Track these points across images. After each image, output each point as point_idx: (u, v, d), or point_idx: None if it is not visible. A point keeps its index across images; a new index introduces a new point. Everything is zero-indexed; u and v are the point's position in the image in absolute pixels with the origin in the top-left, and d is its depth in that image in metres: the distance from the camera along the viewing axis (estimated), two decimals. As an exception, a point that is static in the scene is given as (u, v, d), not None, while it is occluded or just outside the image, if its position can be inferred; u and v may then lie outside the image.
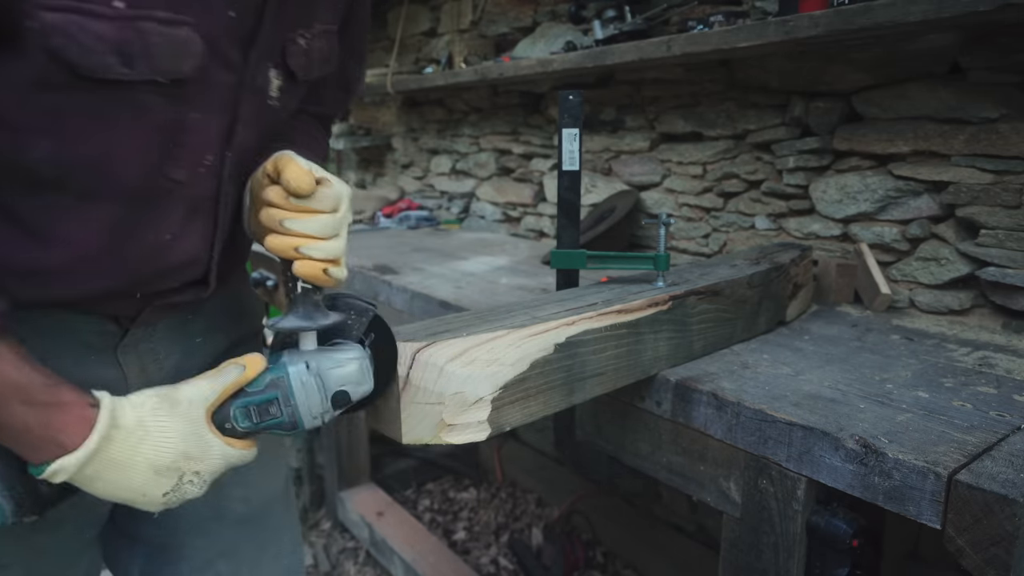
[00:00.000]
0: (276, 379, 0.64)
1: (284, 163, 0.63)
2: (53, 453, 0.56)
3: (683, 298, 1.04)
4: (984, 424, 0.85)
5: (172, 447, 0.60)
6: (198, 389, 0.62)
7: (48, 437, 0.56)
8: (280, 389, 0.64)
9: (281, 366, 0.65)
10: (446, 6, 2.71)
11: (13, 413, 0.56)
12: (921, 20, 1.15)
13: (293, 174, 0.62)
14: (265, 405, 0.64)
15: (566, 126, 1.14)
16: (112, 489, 0.59)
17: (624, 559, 2.20)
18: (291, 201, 0.63)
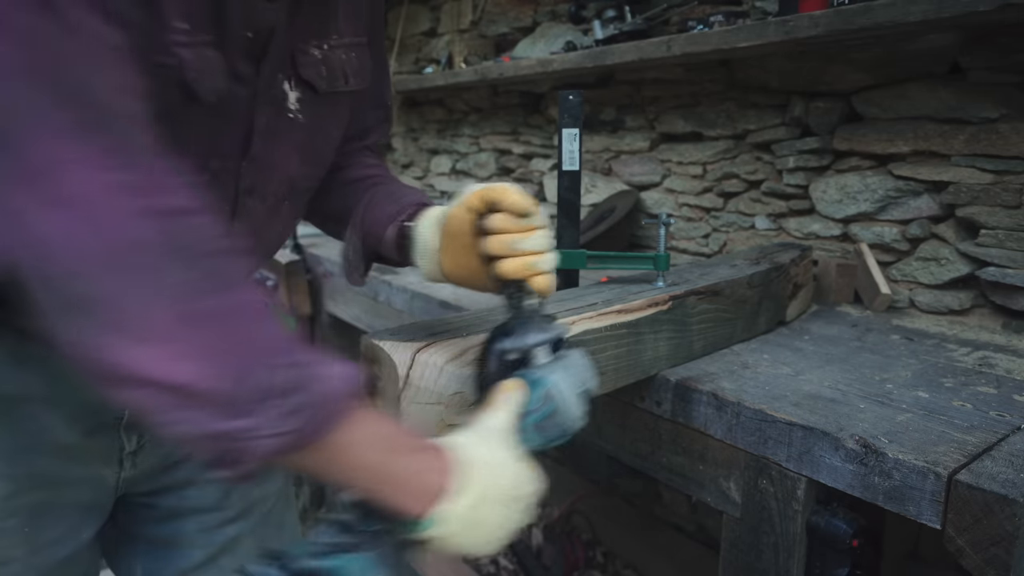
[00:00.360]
0: (547, 392, 0.65)
1: (499, 192, 0.67)
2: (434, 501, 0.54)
3: (683, 298, 1.04)
4: (984, 424, 0.85)
5: (515, 477, 0.60)
6: (500, 419, 0.62)
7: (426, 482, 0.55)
8: (554, 400, 0.65)
9: (542, 379, 0.66)
10: (446, 6, 2.71)
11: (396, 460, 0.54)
12: (921, 20, 1.15)
13: (516, 198, 0.66)
14: (547, 420, 0.65)
15: (566, 126, 1.14)
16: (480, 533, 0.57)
17: (624, 559, 2.20)
18: (519, 223, 0.66)
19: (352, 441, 0.52)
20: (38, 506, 0.67)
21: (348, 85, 0.76)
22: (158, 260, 0.44)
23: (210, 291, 0.46)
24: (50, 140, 0.42)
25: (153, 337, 0.44)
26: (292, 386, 0.48)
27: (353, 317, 1.92)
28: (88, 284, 0.43)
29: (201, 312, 0.46)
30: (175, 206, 0.46)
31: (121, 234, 0.43)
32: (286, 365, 0.48)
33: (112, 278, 0.43)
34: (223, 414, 0.46)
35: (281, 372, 0.48)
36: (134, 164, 0.44)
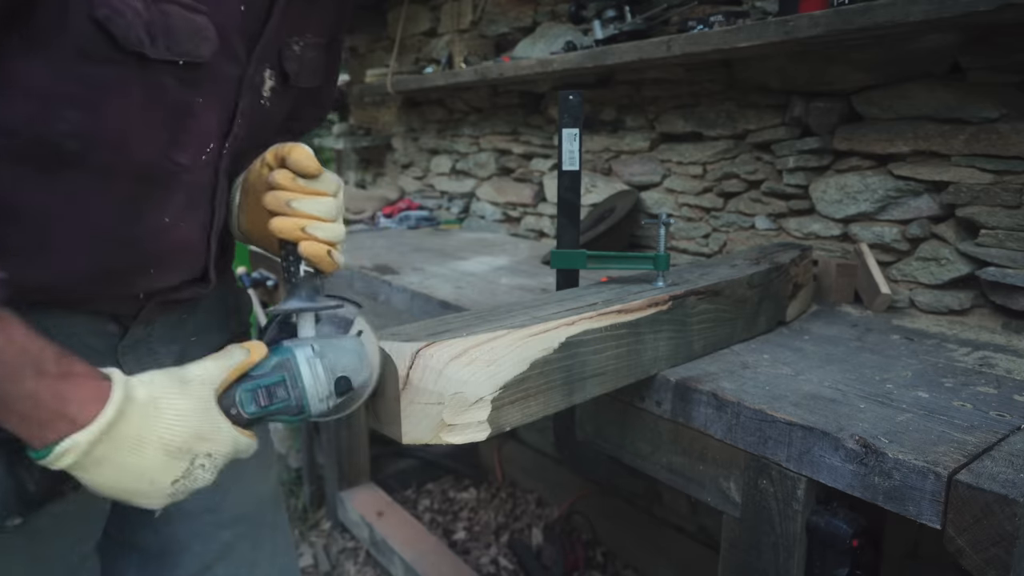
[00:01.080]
0: (282, 361, 0.63)
1: (289, 148, 0.65)
2: (63, 430, 0.52)
3: (683, 298, 1.04)
4: (984, 424, 0.85)
5: (185, 425, 0.57)
6: (206, 370, 0.60)
7: (59, 411, 0.52)
8: (287, 371, 0.63)
9: (286, 349, 0.64)
10: (446, 6, 2.71)
11: (24, 385, 0.52)
12: (921, 20, 1.15)
13: (301, 155, 0.64)
14: (273, 387, 0.62)
15: (566, 126, 1.14)
16: (118, 476, 0.55)
17: (624, 559, 2.20)
18: (298, 182, 0.64)
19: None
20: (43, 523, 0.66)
21: (310, 81, 0.78)
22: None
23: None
24: None
25: None
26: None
27: (353, 317, 1.92)
28: None
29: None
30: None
31: None
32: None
33: None
34: None
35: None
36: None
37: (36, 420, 0.52)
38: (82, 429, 0.53)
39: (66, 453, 0.53)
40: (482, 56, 2.43)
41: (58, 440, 0.52)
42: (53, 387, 0.53)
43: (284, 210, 0.64)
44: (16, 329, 0.52)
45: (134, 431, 0.55)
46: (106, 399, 0.54)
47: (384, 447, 2.63)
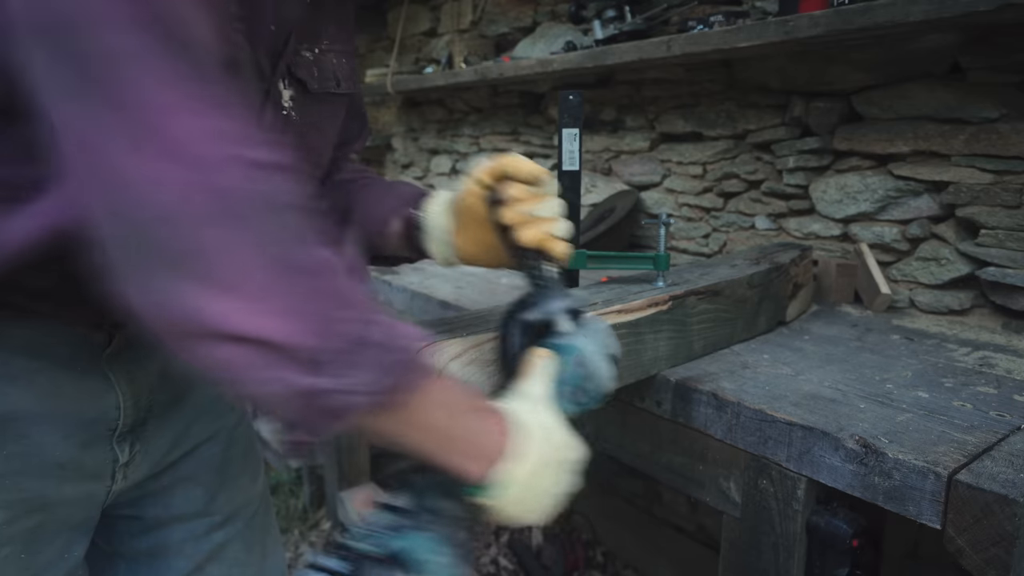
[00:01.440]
0: (577, 358, 0.65)
1: (509, 162, 0.68)
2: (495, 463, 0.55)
3: (683, 298, 1.04)
4: (984, 424, 0.85)
5: (565, 443, 0.60)
6: (540, 387, 0.62)
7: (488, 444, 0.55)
8: (584, 366, 0.66)
9: (570, 347, 0.66)
10: (446, 6, 2.71)
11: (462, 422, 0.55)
12: (921, 20, 1.15)
13: (528, 166, 0.67)
14: (581, 385, 0.65)
15: (566, 126, 1.14)
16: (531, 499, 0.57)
17: (624, 559, 2.20)
18: (530, 190, 0.68)
19: (425, 401, 0.52)
20: (32, 530, 0.65)
21: (340, 88, 0.77)
22: (253, 211, 0.43)
23: (299, 248, 0.45)
24: (155, 87, 0.41)
25: (245, 290, 0.42)
26: (382, 343, 0.48)
27: (353, 317, 1.92)
28: (182, 232, 0.41)
29: (292, 266, 0.44)
30: (266, 159, 0.45)
31: (217, 181, 0.42)
32: (376, 322, 0.48)
33: (208, 227, 0.42)
34: (315, 370, 0.45)
35: (372, 328, 0.47)
36: (230, 115, 0.44)
37: (474, 455, 0.55)
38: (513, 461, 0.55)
39: (506, 482, 0.55)
40: (482, 56, 2.43)
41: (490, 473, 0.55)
42: (481, 423, 0.56)
43: (528, 220, 0.67)
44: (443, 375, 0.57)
45: (543, 456, 0.58)
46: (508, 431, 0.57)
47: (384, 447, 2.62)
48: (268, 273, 0.43)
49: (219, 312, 0.42)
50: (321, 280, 0.47)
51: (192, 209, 0.41)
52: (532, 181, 0.68)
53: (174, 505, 0.82)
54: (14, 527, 0.63)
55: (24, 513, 0.64)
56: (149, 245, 0.42)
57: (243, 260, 0.43)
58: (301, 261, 0.45)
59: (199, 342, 0.43)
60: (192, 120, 0.42)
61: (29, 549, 0.65)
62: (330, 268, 0.47)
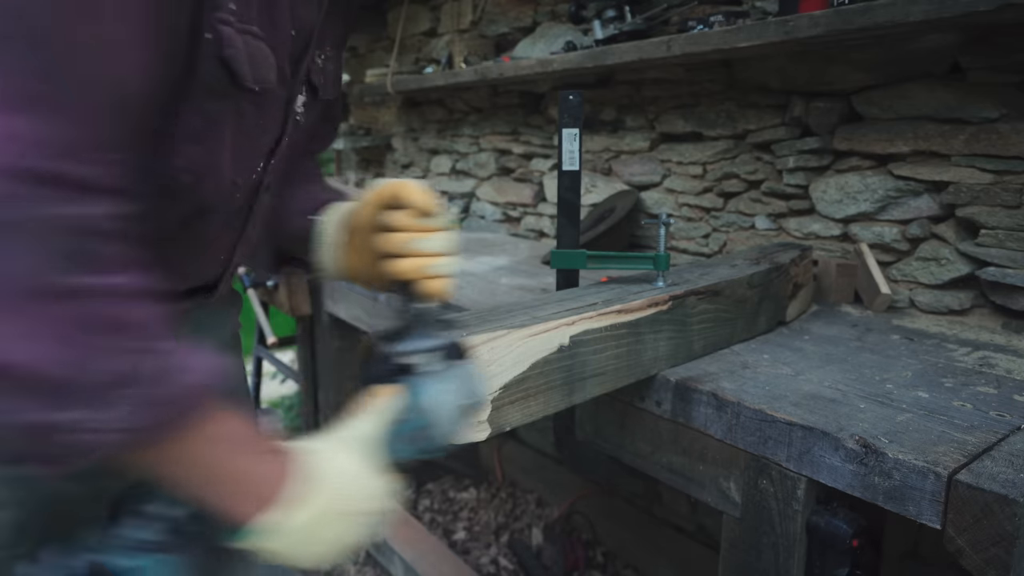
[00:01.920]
0: (421, 403, 0.63)
1: (401, 187, 0.65)
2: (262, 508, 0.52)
3: (683, 298, 1.04)
4: (984, 424, 0.85)
5: (359, 491, 0.58)
6: (365, 427, 0.60)
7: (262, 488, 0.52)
8: (428, 414, 0.63)
9: (420, 390, 0.63)
10: (446, 6, 2.71)
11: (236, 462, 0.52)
12: (921, 20, 1.15)
13: (418, 195, 0.64)
14: (419, 432, 0.63)
15: (566, 126, 1.14)
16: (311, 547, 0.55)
17: (624, 559, 2.20)
18: (416, 221, 0.64)
19: (196, 437, 0.49)
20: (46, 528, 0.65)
21: (330, 94, 0.78)
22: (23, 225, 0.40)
23: (75, 268, 0.42)
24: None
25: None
26: (151, 377, 0.45)
27: (353, 317, 1.92)
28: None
29: (59, 289, 0.41)
30: (74, 175, 0.42)
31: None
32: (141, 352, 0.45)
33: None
34: (52, 402, 0.41)
35: (141, 361, 0.44)
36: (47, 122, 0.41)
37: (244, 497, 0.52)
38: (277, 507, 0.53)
39: (276, 530, 0.53)
40: (482, 56, 2.43)
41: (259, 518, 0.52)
42: (258, 465, 0.53)
43: (406, 252, 0.64)
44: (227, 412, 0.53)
45: (328, 506, 0.55)
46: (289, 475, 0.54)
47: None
48: (30, 293, 0.40)
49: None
50: (90, 308, 0.43)
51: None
52: (421, 211, 0.64)
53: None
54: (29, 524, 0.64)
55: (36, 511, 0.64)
56: None
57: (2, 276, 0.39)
58: (69, 286, 0.42)
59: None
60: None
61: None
62: (112, 294, 0.44)
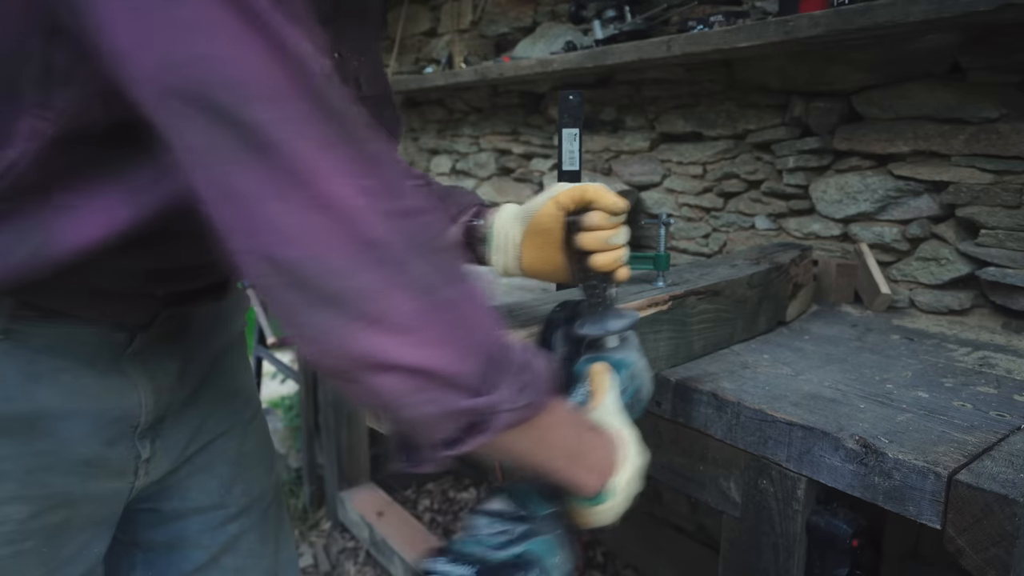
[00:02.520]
0: (631, 372, 0.72)
1: (597, 192, 0.74)
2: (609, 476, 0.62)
3: (683, 298, 1.04)
4: (984, 424, 0.85)
5: (641, 450, 0.67)
6: (614, 400, 0.70)
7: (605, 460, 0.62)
8: (637, 379, 0.73)
9: (625, 361, 0.73)
10: (446, 6, 2.71)
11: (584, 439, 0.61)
12: (921, 20, 1.15)
13: (614, 199, 0.74)
14: (636, 396, 0.72)
15: (566, 126, 1.14)
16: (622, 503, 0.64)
17: (624, 559, 2.20)
18: (610, 220, 0.74)
19: (553, 420, 0.58)
20: (56, 526, 0.66)
21: (363, 91, 0.78)
22: (402, 256, 0.48)
23: (444, 282, 0.50)
24: (314, 151, 0.45)
25: (401, 326, 0.47)
26: (524, 363, 0.53)
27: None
28: (342, 280, 0.46)
29: (442, 301, 0.49)
30: (410, 207, 0.50)
31: (371, 234, 0.47)
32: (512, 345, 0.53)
33: (364, 274, 0.47)
34: (470, 392, 0.50)
35: (512, 351, 0.53)
36: (374, 171, 0.48)
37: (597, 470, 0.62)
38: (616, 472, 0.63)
39: (615, 490, 0.62)
40: (482, 56, 2.43)
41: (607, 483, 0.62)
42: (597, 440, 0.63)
43: (603, 247, 0.74)
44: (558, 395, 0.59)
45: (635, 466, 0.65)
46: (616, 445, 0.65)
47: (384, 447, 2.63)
48: (420, 308, 0.48)
49: (375, 345, 0.47)
50: (466, 310, 0.52)
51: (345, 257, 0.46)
52: (615, 212, 0.74)
53: (190, 498, 0.83)
54: (37, 522, 0.64)
55: (48, 509, 0.65)
56: (307, 287, 0.46)
57: (395, 298, 0.48)
58: (448, 295, 0.50)
59: (360, 373, 0.48)
60: (343, 180, 0.46)
61: (51, 544, 0.66)
62: (470, 297, 0.53)
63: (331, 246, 0.46)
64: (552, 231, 0.78)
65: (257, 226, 0.46)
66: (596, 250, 0.74)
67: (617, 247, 0.74)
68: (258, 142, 0.44)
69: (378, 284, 0.47)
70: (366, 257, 0.47)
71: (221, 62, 0.43)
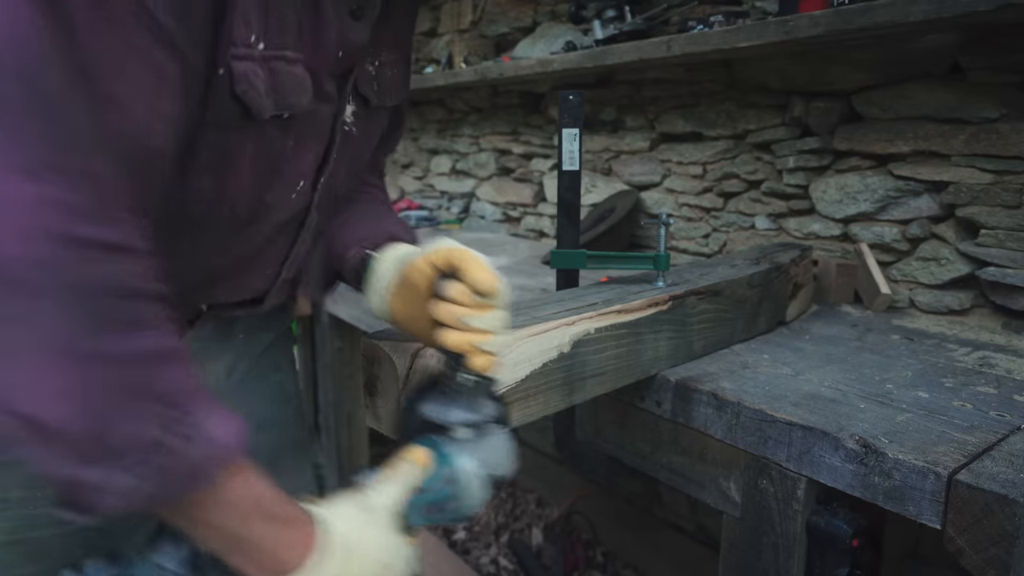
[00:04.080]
0: (450, 475, 0.62)
1: (467, 262, 0.64)
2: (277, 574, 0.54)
3: (683, 298, 1.04)
4: (984, 424, 0.85)
5: (376, 560, 0.59)
6: (388, 496, 0.61)
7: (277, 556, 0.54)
8: (454, 486, 0.63)
9: (450, 460, 0.63)
10: (446, 6, 2.71)
11: (253, 529, 0.53)
12: (921, 20, 1.15)
13: (482, 276, 0.63)
14: (441, 503, 0.62)
15: (566, 126, 1.14)
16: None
17: (624, 559, 2.20)
18: (473, 299, 0.63)
19: (215, 501, 0.51)
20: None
21: (392, 100, 0.78)
22: (59, 289, 0.41)
23: (109, 332, 0.44)
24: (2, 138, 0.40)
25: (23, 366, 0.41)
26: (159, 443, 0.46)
27: (353, 318, 1.92)
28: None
29: (93, 352, 0.43)
30: (103, 239, 0.43)
31: (23, 251, 0.40)
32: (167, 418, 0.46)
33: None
34: (78, 460, 0.44)
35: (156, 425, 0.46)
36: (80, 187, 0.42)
37: (258, 563, 0.54)
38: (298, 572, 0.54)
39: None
40: (482, 56, 2.44)
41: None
42: (275, 532, 0.54)
43: (457, 325, 0.63)
44: (252, 475, 0.54)
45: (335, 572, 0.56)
46: (307, 543, 0.55)
47: (384, 447, 2.62)
48: (55, 353, 0.42)
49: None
50: (121, 371, 0.45)
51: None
52: (482, 292, 0.63)
53: None
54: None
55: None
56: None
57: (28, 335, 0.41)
58: (102, 348, 0.44)
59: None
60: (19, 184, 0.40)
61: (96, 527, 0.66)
62: (146, 358, 0.46)
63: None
64: (419, 288, 0.68)
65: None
66: (447, 325, 0.64)
67: (472, 329, 0.63)
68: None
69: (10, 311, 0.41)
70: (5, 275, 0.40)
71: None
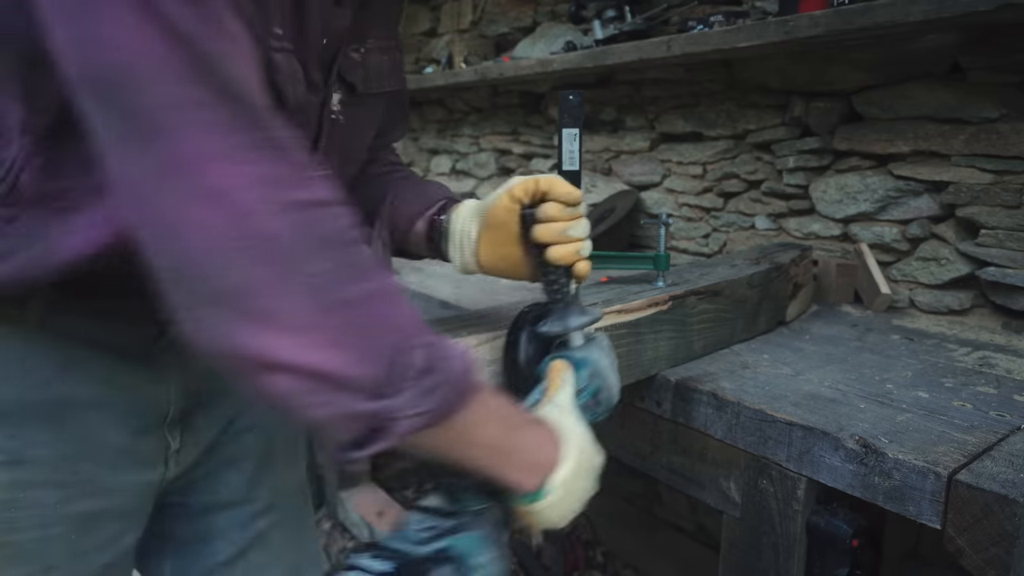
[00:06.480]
0: (593, 369, 0.69)
1: (551, 182, 0.72)
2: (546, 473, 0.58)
3: (683, 298, 1.04)
4: (984, 424, 0.85)
5: (592, 450, 0.65)
6: (567, 396, 0.67)
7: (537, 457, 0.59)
8: (599, 377, 0.70)
9: (586, 360, 0.70)
10: (446, 6, 2.71)
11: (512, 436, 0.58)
12: (921, 20, 1.15)
13: (567, 190, 0.72)
14: (596, 395, 0.69)
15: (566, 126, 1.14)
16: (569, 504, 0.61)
17: (624, 559, 2.20)
18: (566, 211, 0.71)
19: (476, 419, 0.55)
20: (86, 515, 0.66)
21: (383, 87, 0.78)
22: (297, 251, 0.45)
23: (347, 279, 0.48)
24: (200, 135, 0.43)
25: (293, 326, 0.45)
26: (428, 366, 0.50)
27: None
28: (224, 275, 0.44)
29: (341, 300, 0.47)
30: (314, 198, 0.47)
31: (261, 226, 0.44)
32: (421, 346, 0.50)
33: (249, 269, 0.44)
34: (368, 395, 0.47)
35: (418, 353, 0.50)
36: (277, 159, 0.46)
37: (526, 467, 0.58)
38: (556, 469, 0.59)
39: (552, 489, 0.59)
40: (482, 56, 2.43)
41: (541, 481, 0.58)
42: (531, 436, 0.60)
43: (560, 239, 0.70)
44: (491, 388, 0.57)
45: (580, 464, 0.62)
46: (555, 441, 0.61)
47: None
48: (315, 307, 0.46)
49: (268, 345, 0.45)
50: (368, 310, 0.49)
51: (233, 252, 0.44)
52: (571, 203, 0.71)
53: (219, 492, 0.84)
54: (67, 508, 0.65)
55: (79, 496, 0.65)
56: (194, 282, 0.45)
57: (289, 296, 0.45)
58: (348, 294, 0.48)
59: (253, 372, 0.46)
60: (234, 168, 0.44)
61: (80, 531, 0.67)
62: (377, 297, 0.50)
63: (215, 239, 0.43)
64: (508, 225, 0.74)
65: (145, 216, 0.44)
66: (552, 243, 0.71)
67: (575, 239, 0.71)
68: (145, 128, 0.42)
69: (268, 281, 0.45)
70: (255, 252, 0.44)
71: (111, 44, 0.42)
